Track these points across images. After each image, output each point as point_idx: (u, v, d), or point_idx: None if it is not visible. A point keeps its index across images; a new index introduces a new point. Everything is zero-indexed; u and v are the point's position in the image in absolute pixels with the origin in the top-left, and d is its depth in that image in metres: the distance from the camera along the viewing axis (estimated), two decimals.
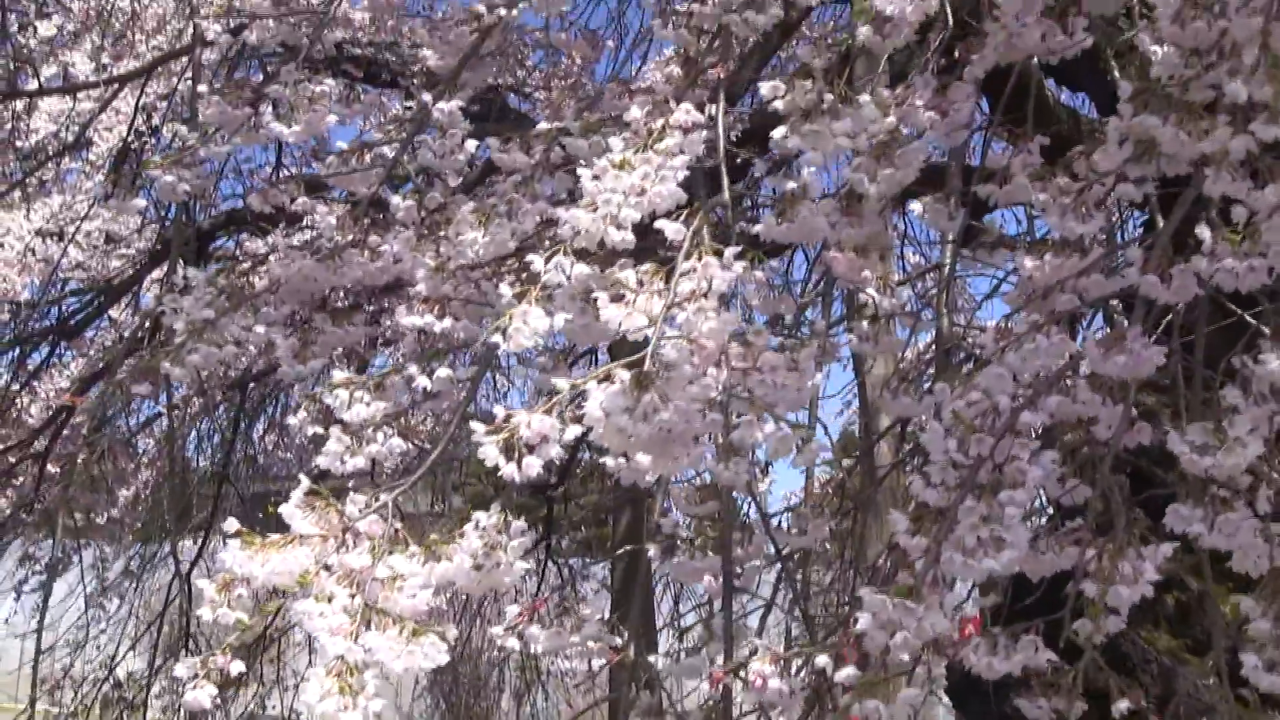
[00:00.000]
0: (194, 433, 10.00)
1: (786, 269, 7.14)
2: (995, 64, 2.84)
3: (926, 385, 3.18)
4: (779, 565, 3.12)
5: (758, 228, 2.66)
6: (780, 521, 2.93)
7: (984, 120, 3.81)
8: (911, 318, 3.24)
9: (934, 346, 4.12)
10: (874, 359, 5.17)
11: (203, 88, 3.50)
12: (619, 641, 2.65)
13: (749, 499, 2.90)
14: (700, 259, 2.32)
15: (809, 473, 5.35)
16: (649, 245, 2.47)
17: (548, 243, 2.52)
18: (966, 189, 3.09)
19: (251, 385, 9.09)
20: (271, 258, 3.39)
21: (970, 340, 4.17)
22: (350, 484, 2.68)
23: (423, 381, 2.77)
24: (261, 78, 6.06)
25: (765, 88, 2.62)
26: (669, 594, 9.08)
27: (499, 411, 2.25)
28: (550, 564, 9.17)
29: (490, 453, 2.22)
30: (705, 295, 2.28)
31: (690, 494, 2.88)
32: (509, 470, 2.22)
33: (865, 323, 3.10)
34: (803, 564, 3.18)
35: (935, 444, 2.37)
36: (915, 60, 3.11)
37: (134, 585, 10.59)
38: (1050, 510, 3.70)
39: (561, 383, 2.25)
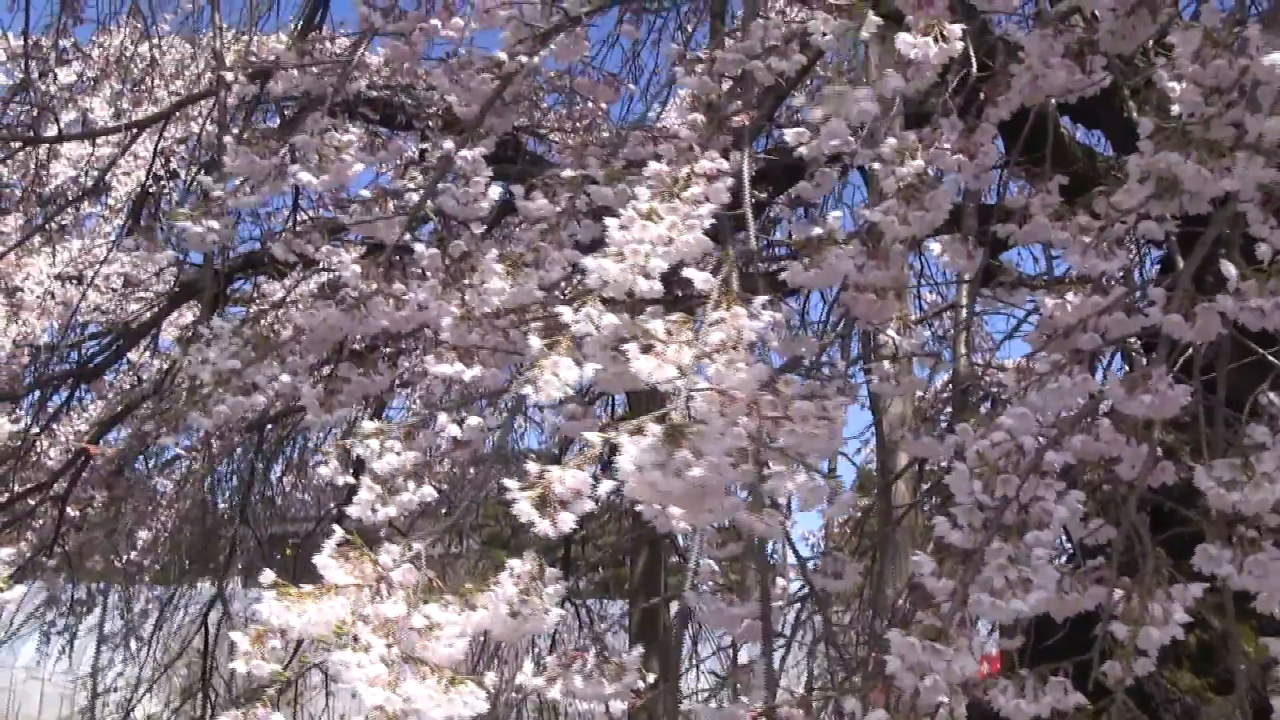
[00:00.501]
0: (212, 474, 10.00)
1: (803, 308, 7.17)
2: (1017, 107, 2.87)
3: (945, 425, 3.20)
4: (796, 605, 3.12)
5: (783, 275, 2.67)
6: (813, 564, 2.93)
7: (1001, 160, 3.84)
8: (931, 358, 3.25)
9: (952, 386, 4.13)
10: (891, 400, 5.18)
11: (228, 138, 3.52)
12: (642, 685, 2.65)
13: (779, 541, 2.91)
14: (729, 308, 2.33)
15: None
16: (675, 295, 2.47)
17: (574, 289, 2.52)
18: (984, 228, 3.10)
19: (270, 427, 9.11)
20: (295, 307, 3.40)
21: (988, 380, 4.18)
22: (382, 533, 2.69)
23: (453, 430, 2.77)
24: (279, 122, 6.09)
25: (790, 134, 2.64)
26: (687, 634, 9.07)
27: (531, 467, 2.25)
28: (569, 605, 9.16)
29: (524, 509, 2.21)
30: (735, 346, 2.28)
31: (714, 537, 2.89)
32: (543, 526, 2.22)
33: (886, 363, 3.11)
34: (823, 604, 3.18)
35: (960, 485, 2.37)
36: (931, 102, 3.12)
37: (153, 628, 10.59)
38: (1069, 550, 3.71)
39: (594, 436, 2.24)
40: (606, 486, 2.27)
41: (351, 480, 2.83)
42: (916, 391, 3.45)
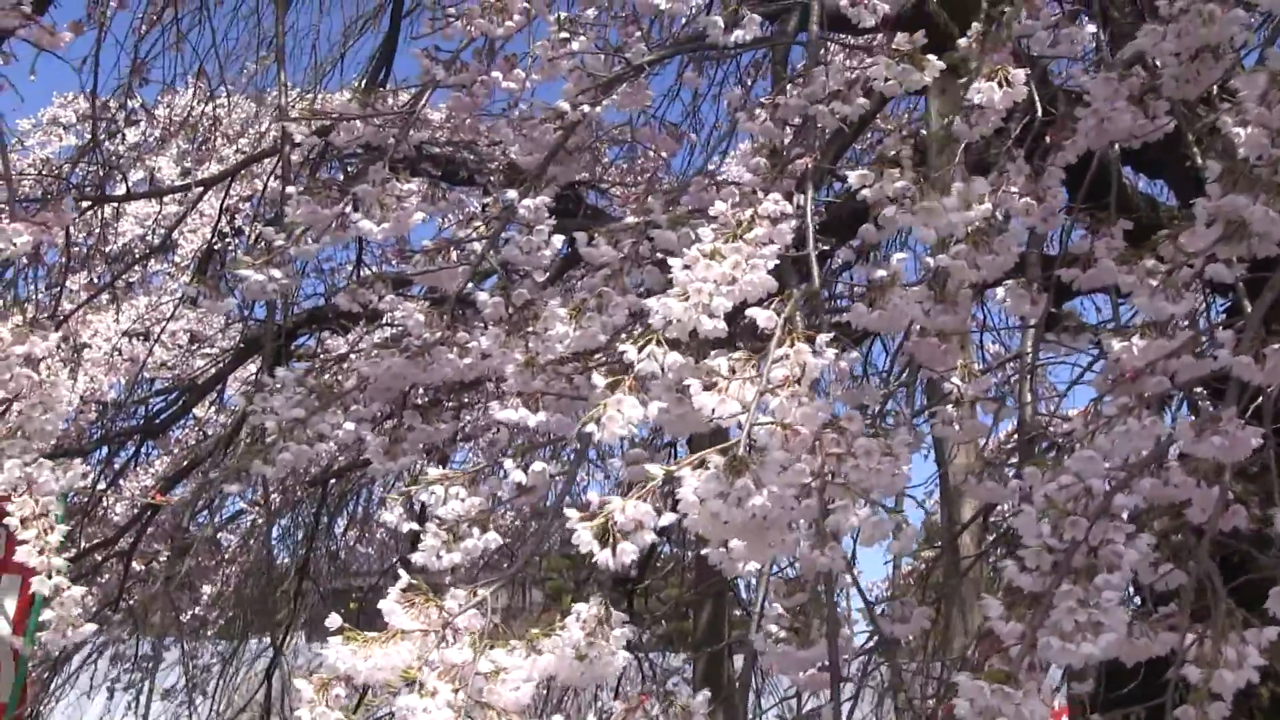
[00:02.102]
0: (276, 528, 10.03)
1: (865, 359, 7.14)
2: (1083, 151, 2.85)
3: (1011, 474, 3.16)
4: (863, 656, 3.09)
5: (846, 316, 2.66)
6: (882, 609, 2.91)
7: (1064, 207, 3.83)
8: (995, 403, 3.22)
9: (1016, 435, 4.08)
10: (956, 449, 5.13)
11: (291, 189, 3.53)
12: None
13: (844, 590, 2.88)
14: (792, 344, 2.32)
15: (896, 564, 5.31)
16: (738, 334, 2.46)
17: (637, 333, 2.51)
18: (1047, 274, 3.08)
19: (332, 481, 9.13)
20: (357, 356, 3.40)
21: (1054, 430, 4.14)
22: (448, 579, 2.68)
23: (517, 476, 2.76)
24: (342, 177, 6.14)
25: (853, 177, 2.63)
26: (751, 688, 8.99)
27: (593, 498, 2.24)
28: (632, 658, 9.12)
29: (585, 538, 2.19)
30: (799, 381, 2.27)
31: (779, 586, 2.86)
32: (604, 557, 2.20)
33: (950, 407, 3.08)
34: (891, 654, 3.14)
35: (1029, 528, 2.34)
36: (992, 150, 3.11)
37: (216, 683, 10.60)
38: (1135, 596, 3.65)
39: (655, 469, 2.22)
40: (669, 519, 2.25)
41: (415, 527, 2.83)
42: (980, 439, 3.40)
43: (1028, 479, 2.48)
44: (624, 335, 2.83)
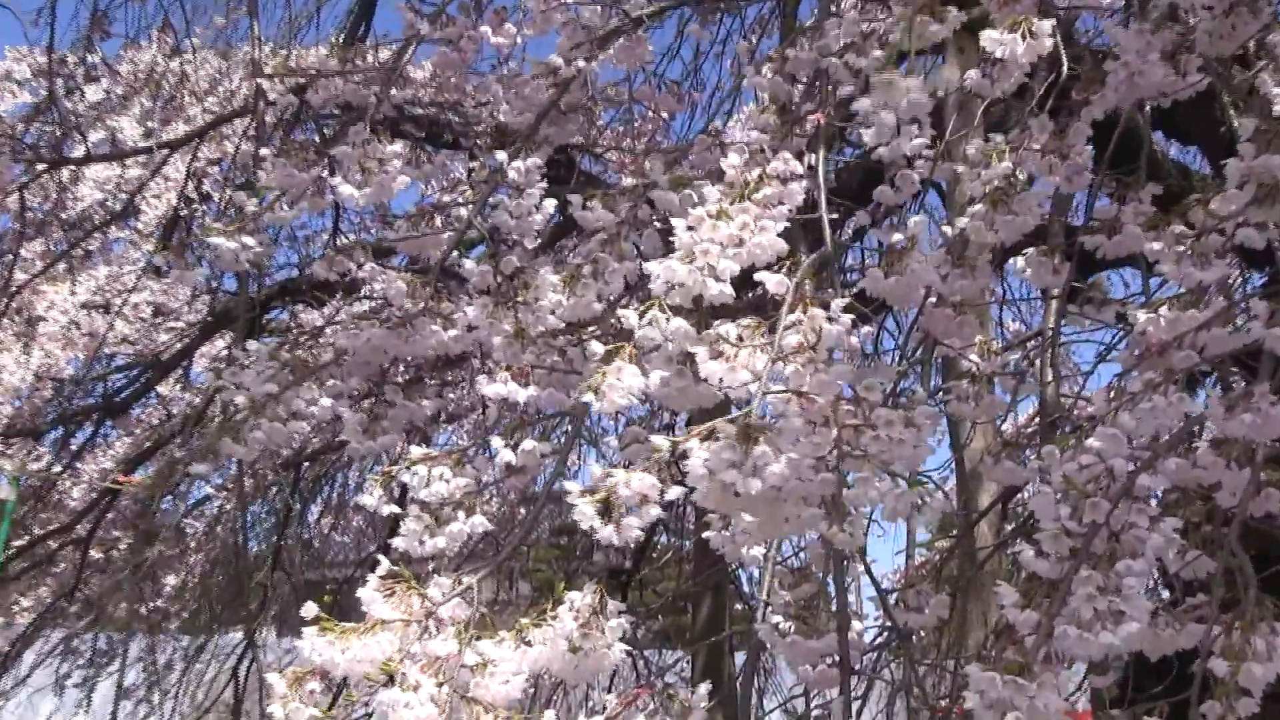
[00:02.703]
0: (246, 515, 10.00)
1: (877, 337, 7.13)
2: (1112, 107, 2.83)
3: (1031, 455, 3.15)
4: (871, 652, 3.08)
5: (861, 283, 2.65)
6: (895, 599, 2.90)
7: (1090, 169, 3.82)
8: (1014, 378, 3.20)
9: (1038, 419, 4.07)
10: (973, 431, 5.12)
11: (265, 151, 3.51)
12: None
13: (855, 580, 2.87)
14: (805, 310, 2.31)
15: (908, 554, 5.30)
16: (745, 304, 2.45)
17: (636, 304, 2.50)
18: (1070, 242, 3.07)
19: (307, 465, 9.12)
20: (334, 328, 3.39)
21: (1077, 412, 4.12)
22: (430, 566, 2.67)
23: (506, 456, 2.74)
24: (319, 139, 6.13)
25: (868, 133, 2.62)
26: (753, 686, 8.99)
27: (595, 470, 2.23)
28: (627, 650, 9.09)
29: (586, 512, 2.18)
30: (813, 348, 2.26)
31: (785, 576, 2.85)
32: (606, 533, 2.19)
33: (965, 383, 3.07)
34: (905, 648, 3.14)
35: (1046, 510, 2.33)
36: (1014, 113, 3.10)
37: (179, 680, 10.58)
38: (1161, 586, 3.64)
39: (661, 441, 2.21)
40: (676, 492, 2.23)
41: (396, 510, 2.81)
42: (998, 415, 3.38)
43: (1046, 458, 2.47)
44: (622, 305, 2.82)
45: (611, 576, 8.26)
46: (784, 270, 2.41)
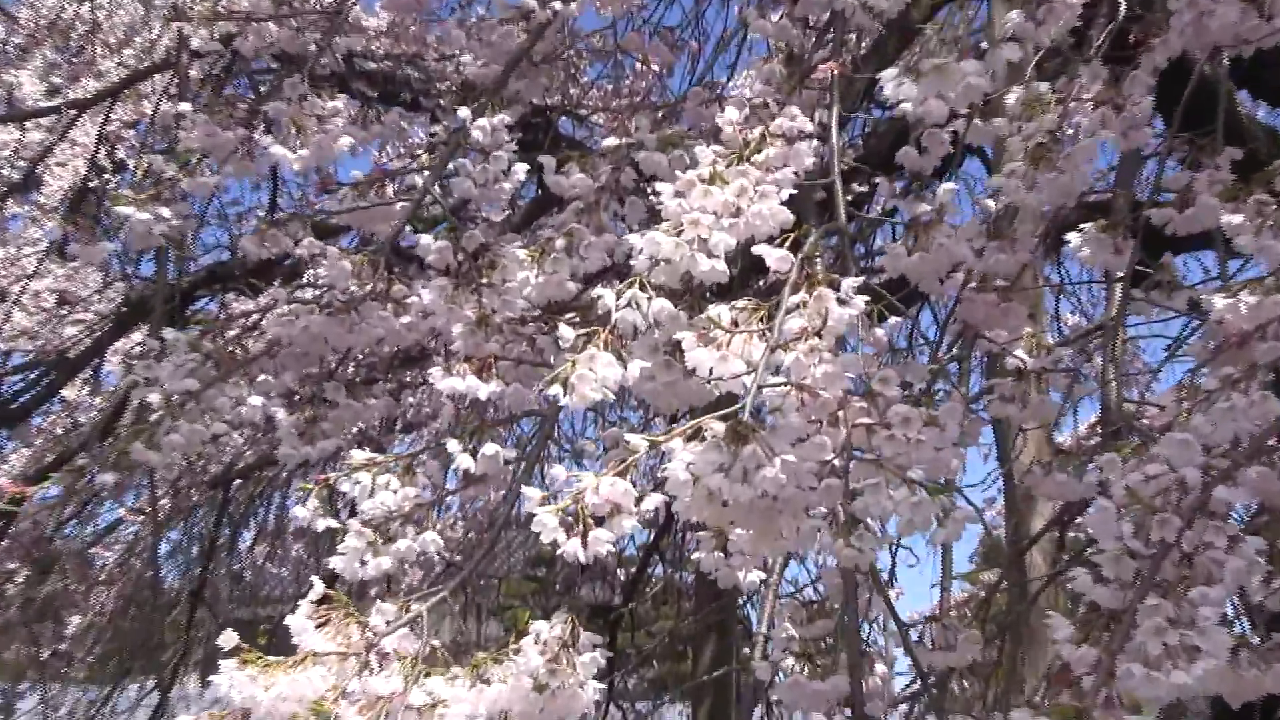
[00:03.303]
0: (165, 542, 9.96)
1: (910, 331, 7.13)
2: (1177, 54, 2.83)
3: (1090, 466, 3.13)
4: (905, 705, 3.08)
5: (881, 261, 2.66)
6: (922, 634, 2.87)
7: (1158, 141, 3.80)
8: (1068, 375, 3.19)
9: (1100, 427, 4.07)
10: (1023, 442, 5.11)
11: (186, 106, 3.51)
12: None
13: (878, 617, 2.87)
14: (811, 290, 2.31)
15: (944, 587, 5.31)
16: (745, 282, 2.46)
17: (616, 283, 2.49)
18: (1135, 218, 3.07)
19: (236, 483, 9.10)
20: (269, 317, 3.39)
21: (1146, 421, 4.12)
22: (373, 591, 2.68)
23: (464, 462, 2.74)
24: (253, 96, 6.13)
25: (888, 82, 2.63)
26: None
27: (558, 472, 2.23)
28: (614, 708, 9.06)
29: (547, 523, 2.18)
30: (819, 335, 2.25)
31: (795, 610, 2.86)
32: (571, 548, 2.19)
33: (1010, 379, 3.05)
34: (939, 699, 3.14)
35: (1106, 528, 2.33)
36: (1070, 65, 3.10)
37: None
38: (1242, 618, 3.64)
39: (637, 439, 2.21)
40: (654, 500, 2.24)
41: (334, 525, 2.82)
42: (1051, 419, 3.36)
43: (1106, 468, 2.47)
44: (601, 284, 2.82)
45: (597, 614, 8.26)
46: (788, 244, 2.41)
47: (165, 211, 3.30)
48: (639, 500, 2.22)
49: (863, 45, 4.60)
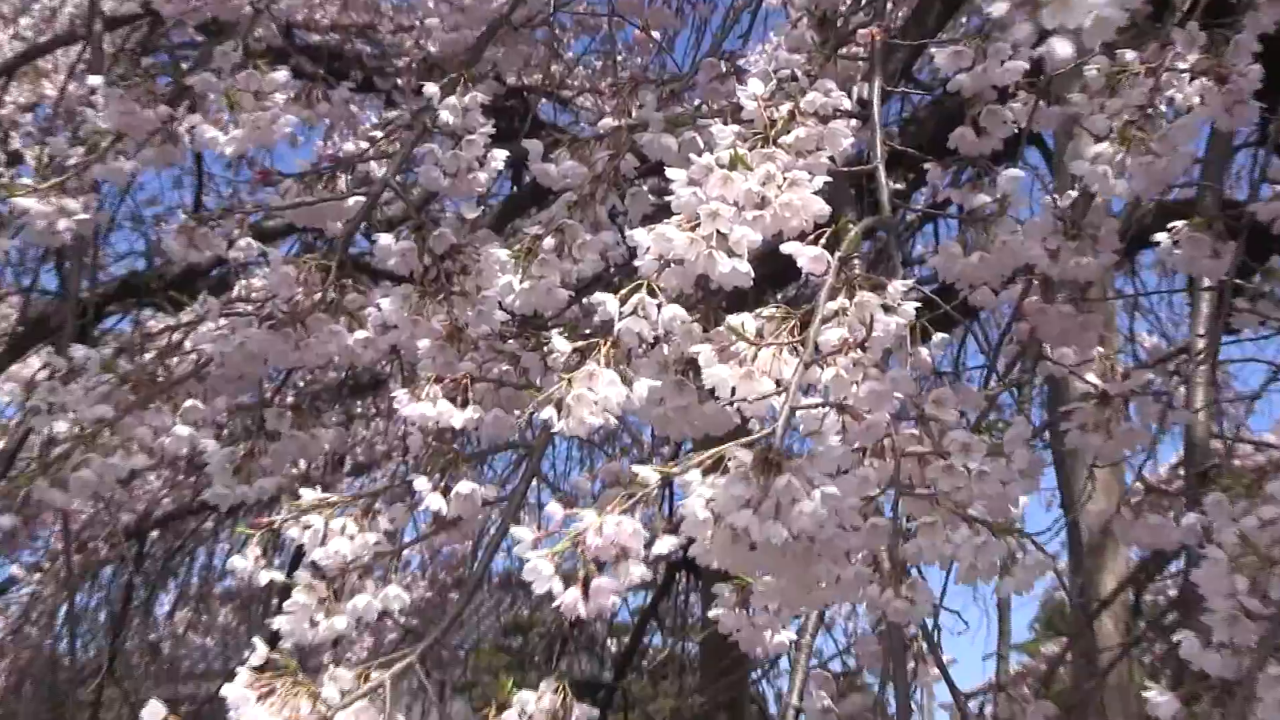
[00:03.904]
0: (69, 605, 9.93)
1: (959, 351, 7.12)
2: None
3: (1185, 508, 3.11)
4: None
5: (931, 263, 2.65)
6: (981, 705, 2.86)
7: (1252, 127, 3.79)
8: (1158, 401, 3.16)
9: (1185, 466, 4.05)
10: (1092, 484, 5.09)
11: (96, 79, 3.49)
12: None
13: (922, 686, 2.86)
14: (852, 295, 2.28)
15: (1000, 655, 5.29)
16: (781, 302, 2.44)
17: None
18: (1235, 215, 3.06)
19: (153, 535, 9.08)
20: (197, 331, 3.35)
21: (1239, 462, 4.11)
22: (325, 656, 2.67)
23: (434, 503, 2.72)
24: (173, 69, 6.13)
25: (941, 56, 2.62)
26: None
27: (554, 510, 2.18)
28: None
29: (542, 570, 2.13)
30: (862, 347, 2.22)
31: (825, 681, 2.85)
32: (569, 599, 2.13)
33: (1091, 403, 3.01)
34: None
35: (1215, 584, 2.32)
36: (1167, 25, 3.08)
37: None
38: None
39: (647, 471, 2.15)
40: (668, 544, 2.21)
41: (280, 578, 2.80)
42: (1129, 454, 3.30)
43: (1211, 512, 2.46)
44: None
45: (584, 692, 8.24)
46: (823, 241, 2.38)
47: (72, 204, 3.27)
48: (650, 543, 2.18)
49: (899, 14, 4.60)
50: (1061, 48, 2.48)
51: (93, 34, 4.76)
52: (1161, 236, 2.98)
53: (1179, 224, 2.96)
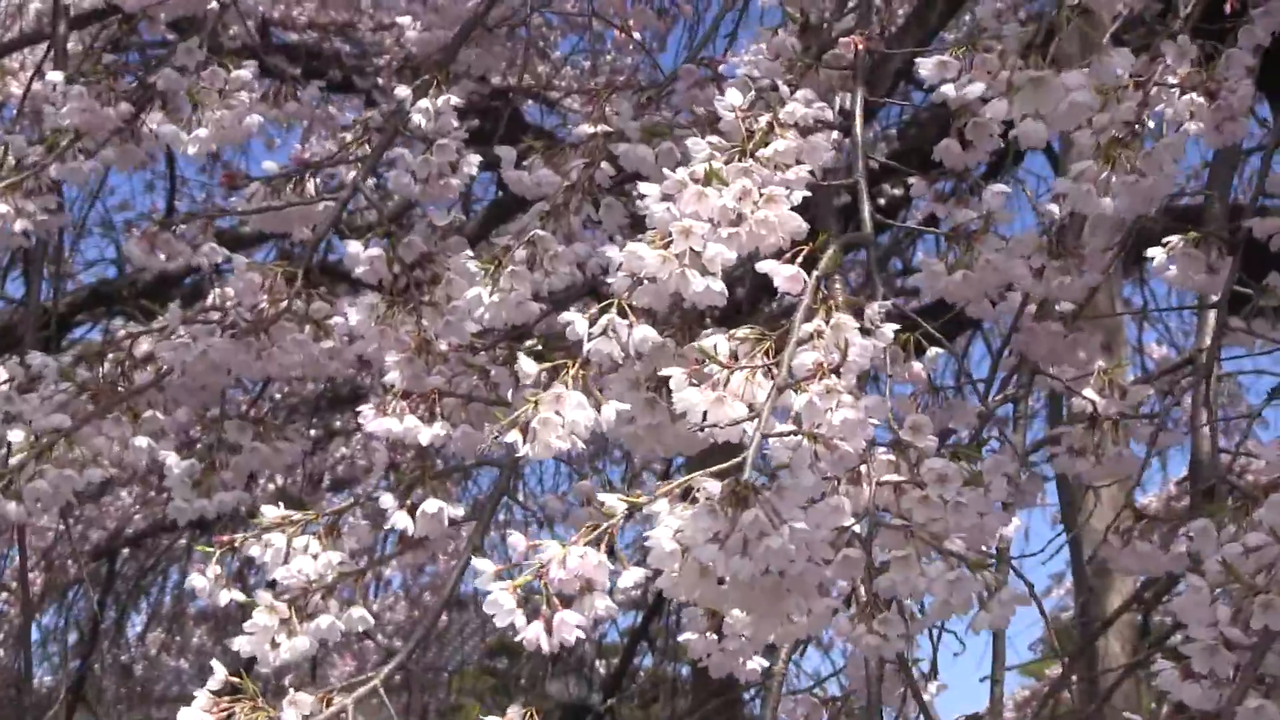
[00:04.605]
0: (36, 626, 9.93)
1: (959, 366, 7.10)
2: None
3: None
4: None
5: (915, 280, 2.66)
6: None
7: (1260, 134, 3.81)
8: (1153, 422, 3.16)
9: (1190, 483, 4.07)
10: (1094, 504, 5.10)
11: (57, 75, 3.50)
12: None
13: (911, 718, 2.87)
14: (829, 316, 2.30)
15: (995, 679, 5.30)
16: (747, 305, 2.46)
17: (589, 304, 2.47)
18: (1234, 229, 3.07)
19: (124, 553, 9.06)
20: (159, 340, 3.35)
21: (1250, 477, 4.11)
22: (287, 680, 2.68)
23: (401, 521, 2.73)
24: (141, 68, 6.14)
25: (927, 67, 2.62)
26: None
27: (517, 541, 2.19)
28: None
29: (503, 603, 2.15)
30: (837, 372, 2.23)
31: (815, 710, 2.86)
32: (531, 634, 2.15)
33: (1079, 426, 3.02)
34: None
35: (1197, 612, 2.33)
36: (1152, 41, 3.10)
37: None
38: None
39: (613, 500, 2.16)
40: (634, 576, 2.22)
41: (240, 598, 2.81)
42: (1129, 476, 3.29)
43: (1197, 538, 2.47)
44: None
45: (571, 716, 8.26)
46: (801, 259, 2.39)
47: (31, 206, 3.28)
48: (615, 575, 2.18)
49: (899, 13, 4.61)
50: (1034, 130, 2.51)
51: (56, 32, 4.76)
52: (1155, 251, 2.99)
53: (1174, 239, 2.97)
